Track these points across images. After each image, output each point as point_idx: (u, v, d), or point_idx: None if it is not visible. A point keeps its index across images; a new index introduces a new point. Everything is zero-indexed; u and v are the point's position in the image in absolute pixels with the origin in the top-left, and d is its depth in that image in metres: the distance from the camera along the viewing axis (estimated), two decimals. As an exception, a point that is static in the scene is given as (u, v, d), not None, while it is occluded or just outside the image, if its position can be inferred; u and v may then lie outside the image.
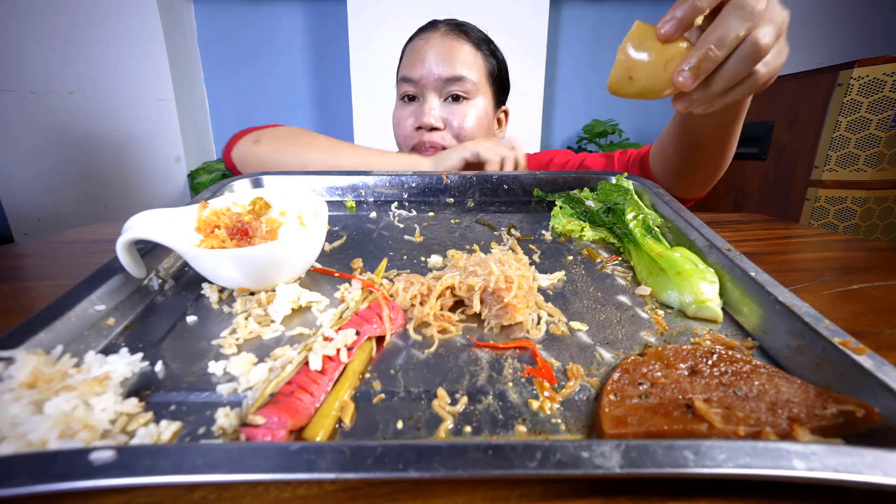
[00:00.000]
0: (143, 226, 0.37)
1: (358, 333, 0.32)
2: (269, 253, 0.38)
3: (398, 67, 0.85)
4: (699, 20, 0.38)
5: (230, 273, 0.38)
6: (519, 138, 0.76)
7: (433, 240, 0.53)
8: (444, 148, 0.78)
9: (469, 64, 0.78)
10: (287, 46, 2.29)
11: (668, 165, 0.70)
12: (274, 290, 0.38)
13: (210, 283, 0.41)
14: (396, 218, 0.59)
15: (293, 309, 0.37)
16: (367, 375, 0.30)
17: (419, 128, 0.78)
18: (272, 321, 0.36)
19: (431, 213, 0.61)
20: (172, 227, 0.40)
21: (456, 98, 0.79)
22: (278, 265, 0.39)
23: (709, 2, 0.37)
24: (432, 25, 0.83)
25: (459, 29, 0.81)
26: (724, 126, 0.59)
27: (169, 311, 0.38)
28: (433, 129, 0.77)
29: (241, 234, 0.41)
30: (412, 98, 0.81)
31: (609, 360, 0.32)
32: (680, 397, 0.26)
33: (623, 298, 0.40)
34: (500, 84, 0.86)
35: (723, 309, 0.37)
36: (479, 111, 0.80)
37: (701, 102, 0.42)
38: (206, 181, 2.08)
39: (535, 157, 0.92)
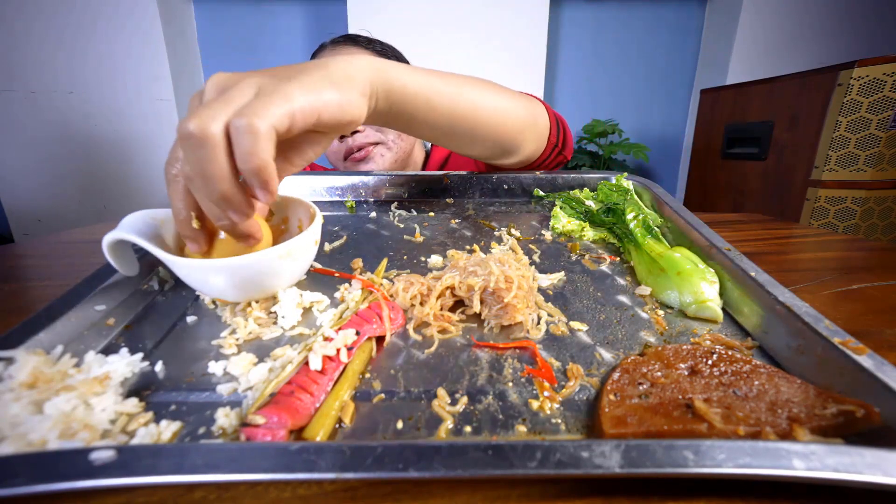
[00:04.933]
0: (130, 226, 0.35)
1: (358, 333, 0.32)
2: (257, 262, 0.34)
3: None
4: (195, 222, 0.34)
5: (217, 283, 0.35)
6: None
7: (433, 240, 0.53)
8: (373, 145, 0.79)
9: None
10: (287, 47, 2.29)
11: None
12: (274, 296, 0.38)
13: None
14: (396, 218, 0.59)
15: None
16: (367, 375, 0.30)
17: (342, 138, 0.78)
18: (274, 323, 0.36)
19: (431, 213, 0.61)
20: (166, 229, 0.39)
21: None
22: (269, 274, 0.36)
23: (189, 207, 0.33)
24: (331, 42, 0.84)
25: (347, 38, 0.83)
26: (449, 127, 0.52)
27: (169, 311, 0.38)
28: (355, 132, 0.77)
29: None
30: None
31: (609, 359, 0.32)
32: (680, 397, 0.26)
33: (623, 298, 0.40)
34: None
35: (723, 309, 0.37)
36: None
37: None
38: (206, 181, 2.07)
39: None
